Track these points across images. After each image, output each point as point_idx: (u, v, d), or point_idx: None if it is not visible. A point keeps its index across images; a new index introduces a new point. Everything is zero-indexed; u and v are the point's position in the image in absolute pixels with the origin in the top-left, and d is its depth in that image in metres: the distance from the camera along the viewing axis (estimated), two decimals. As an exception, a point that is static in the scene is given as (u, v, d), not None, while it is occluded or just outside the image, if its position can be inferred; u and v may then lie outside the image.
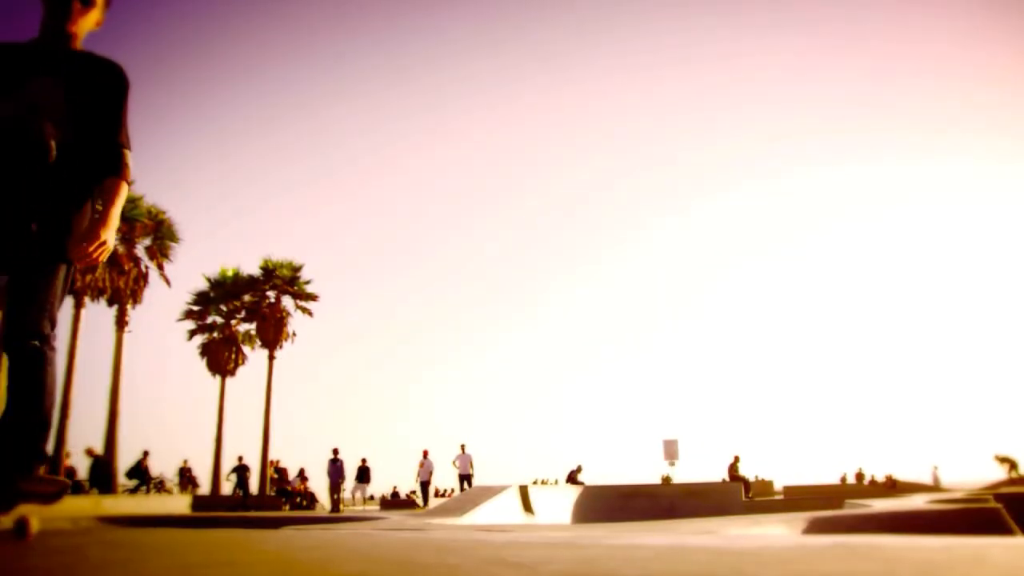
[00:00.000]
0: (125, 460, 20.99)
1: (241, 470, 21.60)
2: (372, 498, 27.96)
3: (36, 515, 2.14)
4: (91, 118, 2.40)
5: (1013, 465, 25.88)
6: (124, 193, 2.46)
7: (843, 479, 31.86)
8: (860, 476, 30.80)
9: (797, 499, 19.71)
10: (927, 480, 27.82)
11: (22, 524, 2.05)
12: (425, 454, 20.47)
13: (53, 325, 2.33)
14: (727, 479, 20.44)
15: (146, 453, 20.29)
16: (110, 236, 2.35)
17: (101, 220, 2.36)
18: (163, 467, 24.70)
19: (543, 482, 27.99)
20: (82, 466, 20.14)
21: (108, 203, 2.40)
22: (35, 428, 2.23)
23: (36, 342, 2.25)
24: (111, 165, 2.44)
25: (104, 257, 2.37)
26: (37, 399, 2.25)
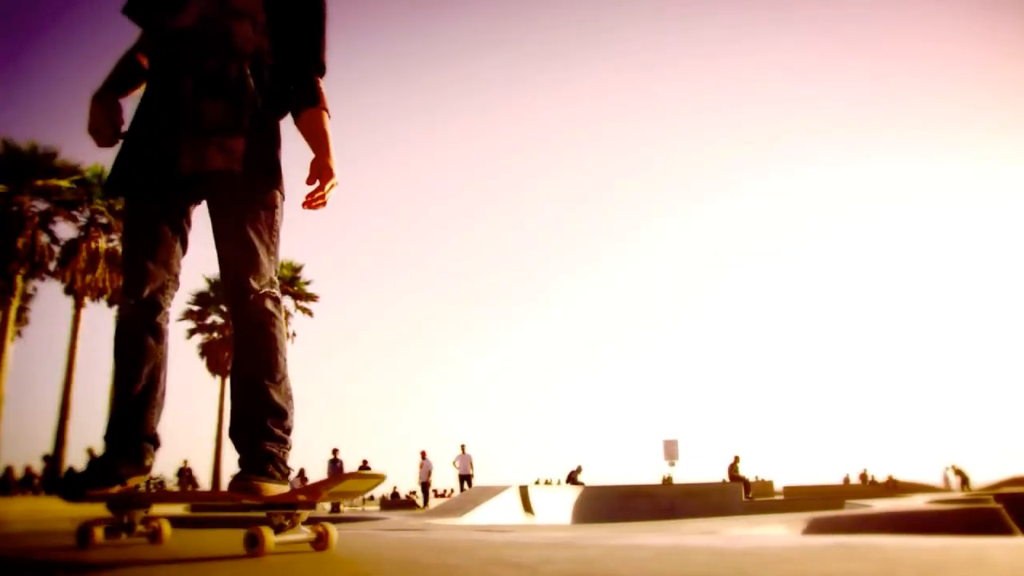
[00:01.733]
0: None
1: None
2: (372, 498, 27.96)
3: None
4: (290, 30, 2.10)
5: (965, 479, 25.99)
6: (329, 125, 2.13)
7: (846, 480, 31.83)
8: (864, 477, 30.78)
9: (797, 499, 19.71)
10: (938, 482, 27.73)
11: (254, 537, 1.62)
12: (423, 455, 20.46)
13: (275, 268, 2.00)
14: (727, 479, 20.43)
15: None
16: (338, 174, 2.06)
17: (326, 154, 2.06)
18: (163, 467, 24.72)
19: (547, 482, 27.96)
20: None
21: (322, 137, 2.09)
22: (259, 409, 1.85)
23: (258, 294, 1.93)
24: (304, 92, 2.12)
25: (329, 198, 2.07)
26: (259, 370, 1.88)
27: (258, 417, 1.85)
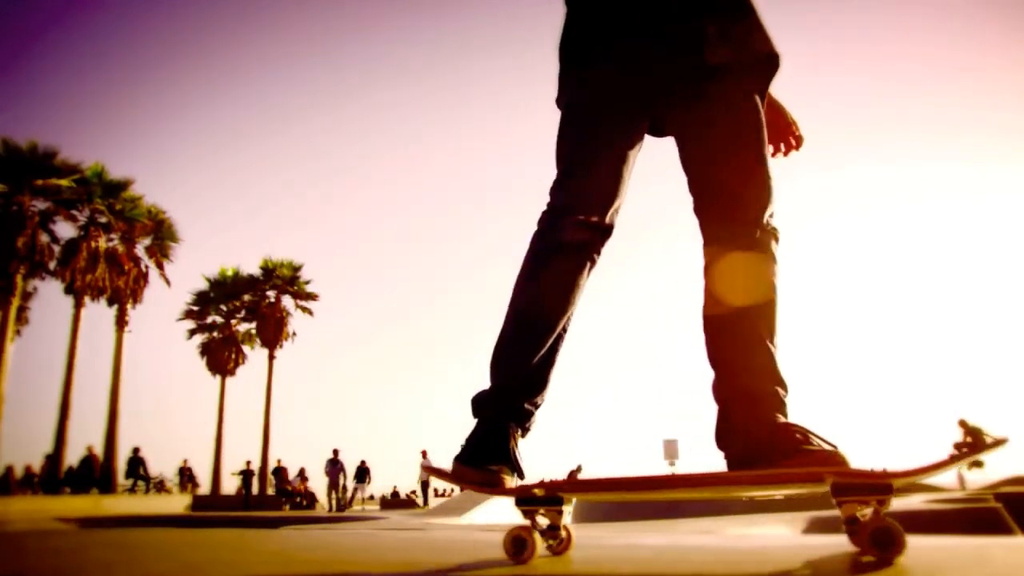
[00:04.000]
0: (125, 460, 21.01)
1: (247, 475, 21.75)
2: (372, 498, 27.98)
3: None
4: None
5: None
6: None
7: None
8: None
9: (797, 499, 19.70)
10: (950, 481, 27.76)
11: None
12: (424, 454, 20.48)
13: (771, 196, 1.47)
14: (727, 479, 20.41)
15: (136, 450, 20.23)
16: None
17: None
18: (163, 467, 24.74)
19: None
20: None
21: None
22: (767, 377, 1.39)
23: (766, 231, 1.45)
24: None
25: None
26: (764, 327, 1.41)
27: (768, 386, 1.39)
